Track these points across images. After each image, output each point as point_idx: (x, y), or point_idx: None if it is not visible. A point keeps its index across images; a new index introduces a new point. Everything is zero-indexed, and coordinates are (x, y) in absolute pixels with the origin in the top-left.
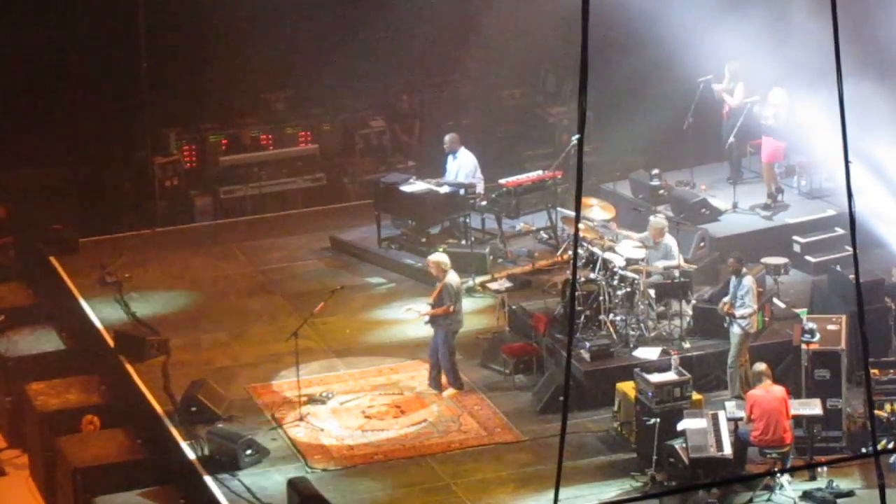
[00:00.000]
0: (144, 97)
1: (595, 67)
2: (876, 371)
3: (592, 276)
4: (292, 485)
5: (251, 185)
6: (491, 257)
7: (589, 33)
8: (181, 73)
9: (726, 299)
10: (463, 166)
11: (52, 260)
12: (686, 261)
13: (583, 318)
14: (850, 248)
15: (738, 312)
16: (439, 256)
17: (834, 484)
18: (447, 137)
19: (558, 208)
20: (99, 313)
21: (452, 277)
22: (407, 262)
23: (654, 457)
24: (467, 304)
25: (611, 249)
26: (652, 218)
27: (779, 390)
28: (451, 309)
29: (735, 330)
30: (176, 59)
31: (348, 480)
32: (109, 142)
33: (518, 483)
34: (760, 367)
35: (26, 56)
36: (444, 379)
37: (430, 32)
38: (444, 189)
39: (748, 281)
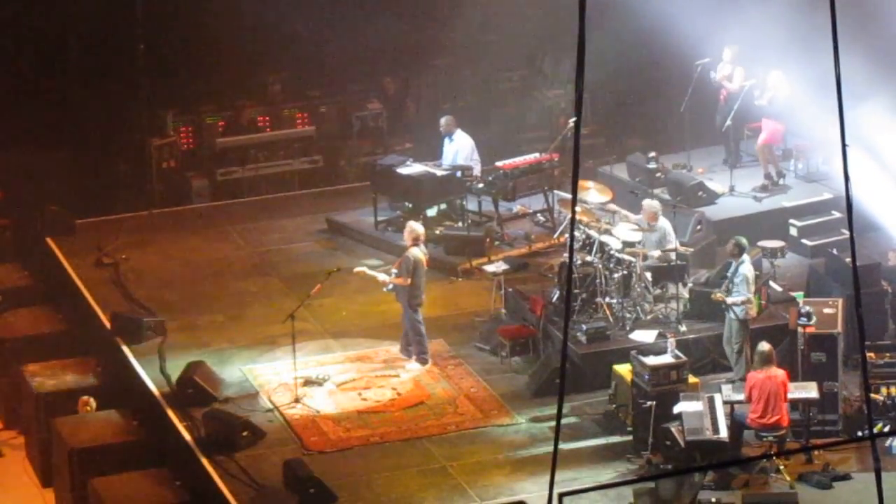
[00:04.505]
0: (141, 78)
1: (592, 50)
2: (872, 354)
3: (589, 258)
4: (288, 466)
5: (248, 166)
6: (487, 240)
7: (586, 15)
8: (178, 54)
9: (719, 291)
10: (460, 149)
11: (49, 241)
12: (683, 244)
13: (579, 300)
14: (846, 232)
15: (729, 300)
16: (415, 224)
17: (830, 467)
18: (442, 120)
19: (555, 191)
20: (95, 295)
21: (415, 251)
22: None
23: (651, 439)
24: (465, 286)
25: (607, 232)
26: (645, 202)
27: (779, 373)
28: (409, 282)
29: (731, 315)
30: (173, 40)
31: (344, 462)
32: (106, 123)
33: (514, 465)
34: (764, 347)
35: (23, 37)
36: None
37: (427, 13)
38: (441, 171)
39: (744, 269)
